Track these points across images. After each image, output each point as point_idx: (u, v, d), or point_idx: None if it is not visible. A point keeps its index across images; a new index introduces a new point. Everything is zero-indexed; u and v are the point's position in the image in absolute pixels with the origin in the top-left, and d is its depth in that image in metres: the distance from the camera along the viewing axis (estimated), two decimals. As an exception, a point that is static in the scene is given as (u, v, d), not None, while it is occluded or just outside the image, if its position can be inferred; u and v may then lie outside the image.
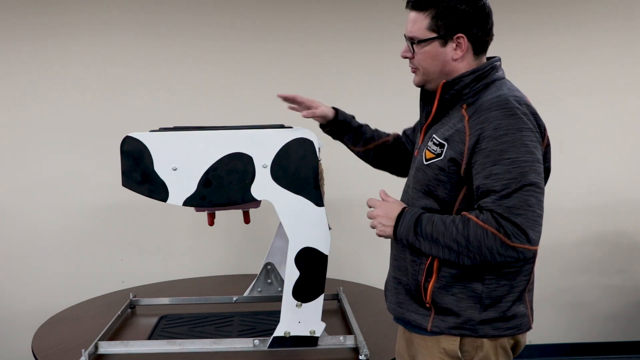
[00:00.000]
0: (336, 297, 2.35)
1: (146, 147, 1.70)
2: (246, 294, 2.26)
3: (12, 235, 3.11)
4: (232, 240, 3.21)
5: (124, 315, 2.21)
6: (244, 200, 1.73)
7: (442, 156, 1.34)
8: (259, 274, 2.24)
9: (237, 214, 2.02)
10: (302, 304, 1.76)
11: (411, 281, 1.41)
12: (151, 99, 3.12)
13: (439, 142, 1.36)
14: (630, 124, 3.34)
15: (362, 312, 2.15)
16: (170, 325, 2.11)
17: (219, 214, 1.95)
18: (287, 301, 1.76)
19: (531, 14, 3.24)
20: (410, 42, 1.43)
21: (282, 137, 1.73)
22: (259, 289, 2.25)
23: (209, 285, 2.72)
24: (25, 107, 3.07)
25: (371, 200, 1.46)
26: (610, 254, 3.41)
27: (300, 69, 3.17)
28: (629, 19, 3.28)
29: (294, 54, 3.17)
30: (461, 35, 1.37)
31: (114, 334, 2.03)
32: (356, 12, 3.19)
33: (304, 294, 1.75)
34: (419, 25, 1.39)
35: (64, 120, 3.09)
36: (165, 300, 2.33)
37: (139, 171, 1.70)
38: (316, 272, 1.75)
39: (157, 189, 1.70)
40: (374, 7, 3.19)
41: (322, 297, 1.77)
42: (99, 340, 1.85)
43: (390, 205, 1.42)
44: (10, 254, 3.11)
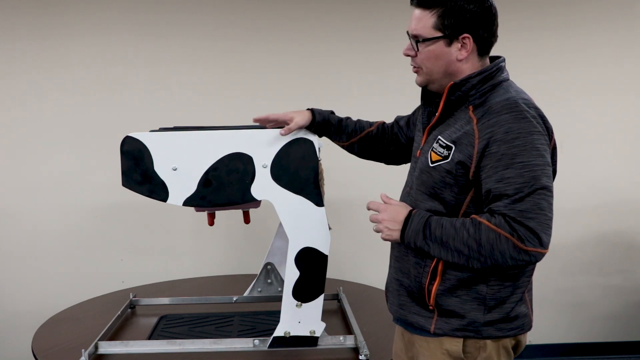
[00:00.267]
0: (336, 297, 2.35)
1: (146, 147, 1.70)
2: (246, 294, 2.26)
3: (12, 235, 3.10)
4: (232, 240, 3.21)
5: (124, 315, 2.21)
6: (244, 200, 1.73)
7: (449, 159, 1.33)
8: (259, 274, 2.24)
9: (237, 214, 2.02)
10: (302, 304, 1.76)
11: (414, 283, 1.41)
12: (151, 99, 3.12)
13: (446, 144, 1.35)
14: (630, 124, 3.34)
15: (362, 312, 2.15)
16: (170, 325, 2.11)
17: (219, 214, 1.95)
18: (287, 301, 1.76)
19: (531, 14, 3.24)
20: (414, 40, 1.40)
21: (282, 137, 1.73)
22: (259, 289, 2.25)
23: (209, 285, 2.72)
24: (25, 107, 3.07)
25: (373, 203, 1.43)
26: (610, 254, 3.41)
27: (300, 69, 3.17)
28: (629, 19, 3.28)
29: (294, 54, 3.17)
30: (467, 35, 1.35)
31: (114, 334, 2.03)
32: (356, 12, 3.19)
33: (304, 294, 1.76)
34: (424, 23, 1.37)
35: (64, 120, 3.08)
36: (165, 300, 2.33)
37: (139, 171, 1.70)
38: (316, 272, 1.75)
39: (157, 189, 1.71)
40: (374, 7, 3.18)
41: (322, 297, 1.77)
42: (99, 340, 1.85)
43: (395, 208, 1.39)
44: (10, 254, 3.11)
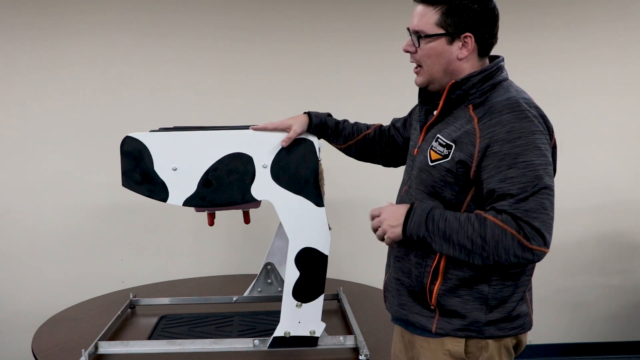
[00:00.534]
0: (336, 297, 2.35)
1: (146, 147, 1.70)
2: (246, 294, 2.26)
3: (12, 235, 3.10)
4: (232, 240, 3.21)
5: (124, 315, 2.21)
6: (244, 200, 1.73)
7: (450, 157, 1.32)
8: (259, 274, 2.24)
9: (237, 214, 2.02)
10: (302, 304, 1.76)
11: (415, 283, 1.40)
12: (151, 99, 3.12)
13: (446, 143, 1.34)
14: (630, 124, 3.34)
15: (362, 312, 2.15)
16: (170, 325, 2.11)
17: (219, 214, 1.95)
18: (287, 301, 1.76)
19: (531, 14, 3.24)
20: (415, 36, 1.39)
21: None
22: (259, 289, 2.25)
23: (209, 285, 2.72)
24: (24, 107, 3.07)
25: (374, 209, 1.42)
26: (610, 254, 3.41)
27: (299, 69, 3.17)
28: (629, 19, 3.28)
29: (294, 54, 3.17)
30: (469, 34, 1.35)
31: (114, 334, 2.03)
32: (356, 13, 3.19)
33: (304, 294, 1.75)
34: (427, 19, 1.36)
35: (64, 120, 3.08)
36: (165, 300, 2.33)
37: (139, 171, 1.70)
38: (316, 272, 1.75)
39: (157, 189, 1.70)
40: (374, 8, 3.18)
41: (322, 297, 1.77)
42: (99, 340, 1.85)
43: (394, 207, 1.39)
44: (10, 254, 3.11)
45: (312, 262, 1.74)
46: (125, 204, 3.09)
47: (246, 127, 1.75)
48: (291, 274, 1.74)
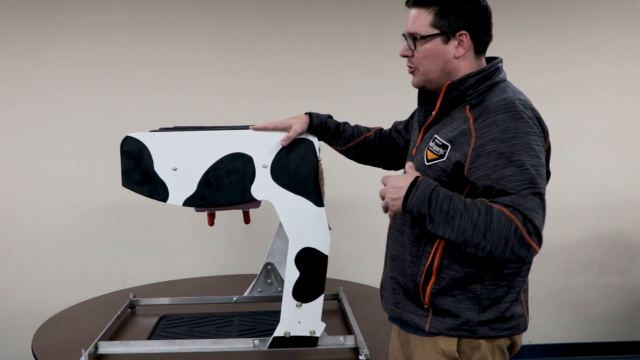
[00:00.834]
0: (336, 297, 2.35)
1: (146, 147, 1.70)
2: (246, 294, 2.26)
3: (12, 235, 3.11)
4: (232, 240, 3.21)
5: (124, 315, 2.21)
6: (244, 200, 1.73)
7: (445, 157, 1.33)
8: (259, 274, 2.24)
9: (237, 214, 2.02)
10: (302, 304, 1.76)
11: (409, 282, 1.41)
12: (151, 99, 3.12)
13: (442, 143, 1.35)
14: (630, 124, 3.34)
15: (362, 312, 2.15)
16: (170, 325, 2.11)
17: (219, 214, 1.95)
18: (287, 301, 1.76)
19: (531, 14, 3.24)
20: (411, 39, 1.40)
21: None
22: (259, 289, 2.25)
23: (209, 285, 2.72)
24: (24, 107, 3.07)
25: (384, 177, 1.37)
26: (610, 254, 3.41)
27: (300, 69, 3.17)
28: (629, 19, 3.28)
29: (294, 54, 3.17)
30: (464, 32, 1.36)
31: (114, 334, 2.03)
32: (355, 13, 3.19)
33: (304, 294, 1.75)
34: (421, 21, 1.37)
35: (64, 120, 3.09)
36: (165, 300, 2.33)
37: (139, 171, 1.70)
38: (316, 272, 1.75)
39: (157, 189, 1.70)
40: (374, 8, 3.18)
41: (322, 297, 1.77)
42: (99, 340, 1.85)
43: (400, 176, 1.34)
44: (10, 254, 3.11)
45: (312, 262, 1.74)
46: (125, 204, 3.09)
47: (246, 127, 1.75)
48: (291, 274, 1.74)
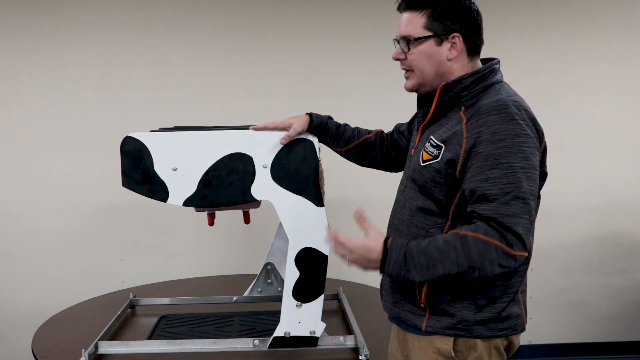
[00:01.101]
0: (336, 297, 2.35)
1: (146, 147, 1.70)
2: (246, 294, 2.26)
3: (12, 235, 3.11)
4: (232, 240, 3.21)
5: (124, 315, 2.21)
6: (244, 200, 1.73)
7: (439, 158, 1.34)
8: (259, 274, 2.24)
9: (237, 214, 2.02)
10: (302, 304, 1.76)
11: (406, 281, 1.42)
12: (151, 99, 3.12)
13: (436, 144, 1.36)
14: (630, 124, 3.34)
15: (362, 312, 2.15)
16: (170, 325, 2.11)
17: (219, 214, 1.95)
18: (287, 301, 1.76)
19: (531, 14, 3.24)
20: (404, 42, 1.41)
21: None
22: (259, 289, 2.25)
23: (209, 285, 2.72)
24: (24, 107, 3.07)
25: (336, 244, 1.37)
26: (610, 254, 3.41)
27: (299, 69, 3.17)
28: (629, 19, 3.28)
29: (294, 54, 3.17)
30: (457, 34, 1.37)
31: (114, 334, 2.03)
32: (355, 13, 3.19)
33: (304, 294, 1.75)
34: (414, 24, 1.39)
35: (64, 120, 3.09)
36: (165, 300, 2.33)
37: (139, 171, 1.70)
38: (316, 272, 1.75)
39: (157, 189, 1.70)
40: (374, 8, 3.18)
41: (322, 297, 1.77)
42: (99, 340, 1.85)
43: (365, 248, 1.33)
44: (10, 254, 3.11)
45: (312, 262, 1.74)
46: (125, 204, 3.09)
47: (246, 127, 1.75)
48: (291, 274, 1.74)
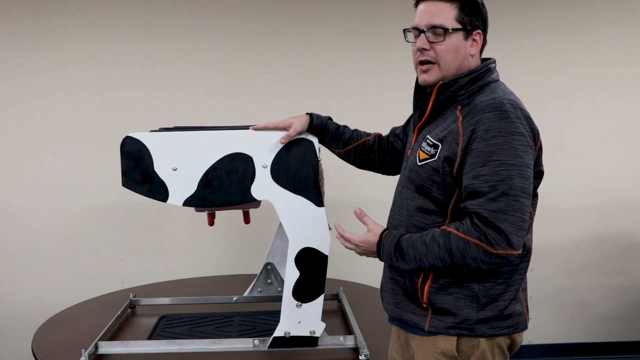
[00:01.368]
0: (336, 297, 2.35)
1: (146, 147, 1.70)
2: (246, 294, 2.26)
3: (12, 235, 3.11)
4: (232, 240, 3.21)
5: (124, 315, 2.21)
6: (244, 200, 1.73)
7: (436, 157, 1.35)
8: (259, 274, 2.24)
9: (237, 214, 2.02)
10: (302, 304, 1.76)
11: (408, 282, 1.42)
12: (151, 99, 3.12)
13: (433, 143, 1.37)
14: (630, 124, 3.34)
15: (362, 312, 2.15)
16: (170, 325, 2.11)
17: (219, 214, 1.95)
18: (287, 301, 1.76)
19: (531, 13, 3.24)
20: (433, 32, 1.37)
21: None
22: (259, 289, 2.25)
23: (209, 285, 2.72)
24: (25, 107, 3.07)
25: (345, 236, 1.53)
26: (610, 254, 3.41)
27: (299, 69, 3.17)
28: (629, 19, 3.28)
29: (294, 54, 3.17)
30: (479, 31, 1.40)
31: (114, 334, 2.03)
32: (355, 13, 3.18)
33: (304, 294, 1.76)
34: (446, 14, 1.37)
35: (64, 120, 3.09)
36: (165, 300, 2.33)
37: (139, 171, 1.70)
38: (316, 272, 1.75)
39: (157, 189, 1.70)
40: (373, 8, 3.18)
41: (322, 297, 1.77)
42: (99, 340, 1.85)
43: (366, 241, 1.48)
44: (10, 254, 3.11)
45: (312, 262, 1.74)
46: (125, 204, 3.09)
47: (246, 127, 1.75)
48: (291, 274, 1.74)
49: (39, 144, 3.08)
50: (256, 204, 1.84)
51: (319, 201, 1.74)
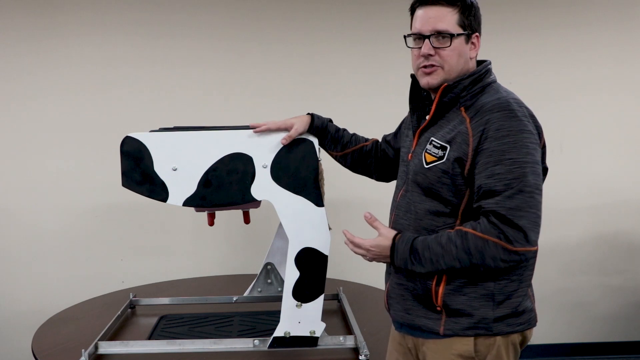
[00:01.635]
0: (336, 297, 2.35)
1: (146, 147, 1.70)
2: (246, 294, 2.26)
3: (12, 235, 3.10)
4: (232, 240, 3.21)
5: (124, 315, 2.21)
6: (244, 200, 1.73)
7: (445, 158, 1.34)
8: (259, 274, 2.24)
9: (237, 214, 2.02)
10: (302, 304, 1.76)
11: (419, 286, 1.40)
12: (151, 99, 3.12)
13: (441, 145, 1.36)
14: (630, 124, 3.34)
15: (362, 312, 2.15)
16: (170, 325, 2.11)
17: (219, 214, 1.95)
18: (287, 301, 1.76)
19: (531, 13, 3.24)
20: (438, 37, 1.37)
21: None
22: (259, 289, 2.25)
23: (209, 285, 2.72)
24: (25, 107, 3.07)
25: (354, 242, 1.49)
26: (610, 254, 3.41)
27: (299, 69, 3.17)
28: (629, 19, 3.28)
29: (293, 54, 3.17)
30: (477, 34, 1.41)
31: (114, 334, 2.03)
32: (354, 14, 3.18)
33: (304, 294, 1.76)
34: (449, 19, 1.38)
35: (64, 120, 3.08)
36: (165, 300, 2.33)
37: (138, 171, 1.70)
38: (316, 272, 1.75)
39: (157, 189, 1.71)
40: (372, 8, 3.18)
41: (322, 297, 1.77)
42: (99, 340, 1.85)
43: (378, 245, 1.44)
44: (10, 254, 3.11)
45: (312, 262, 1.74)
46: (125, 204, 3.09)
47: (246, 127, 1.75)
48: (291, 274, 1.74)
49: (39, 144, 3.08)
50: (256, 204, 1.84)
51: (319, 201, 1.74)
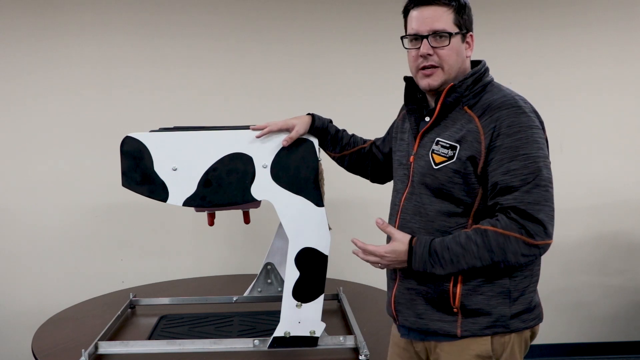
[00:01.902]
0: (336, 297, 2.35)
1: (146, 147, 1.70)
2: (246, 294, 2.26)
3: (12, 235, 3.10)
4: (232, 240, 3.21)
5: (124, 315, 2.21)
6: (244, 200, 1.73)
7: (455, 158, 1.34)
8: (259, 274, 2.24)
9: (237, 214, 2.02)
10: (302, 304, 1.76)
11: (433, 289, 1.39)
12: (151, 99, 3.12)
13: (450, 145, 1.36)
14: (630, 124, 3.34)
15: (362, 312, 2.15)
16: (170, 325, 2.11)
17: (219, 214, 1.95)
18: (287, 301, 1.76)
19: (531, 13, 3.24)
20: (436, 37, 1.37)
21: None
22: (259, 289, 2.25)
23: (209, 285, 2.72)
24: (25, 107, 3.07)
25: (369, 250, 1.43)
26: (610, 254, 3.41)
27: (299, 69, 3.17)
28: (629, 19, 3.28)
29: (293, 53, 3.17)
30: (471, 33, 1.43)
31: (114, 334, 2.03)
32: (355, 14, 3.18)
33: (304, 294, 1.76)
34: (445, 19, 1.38)
35: (64, 120, 3.08)
36: (165, 300, 2.33)
37: (139, 171, 1.70)
38: (316, 272, 1.75)
39: (157, 189, 1.71)
40: (372, 8, 3.18)
41: (322, 297, 1.77)
42: (99, 340, 1.86)
43: (394, 252, 1.39)
44: (10, 254, 3.11)
45: (312, 262, 1.74)
46: (125, 204, 3.09)
47: (246, 127, 1.75)
48: (291, 274, 1.74)
49: (39, 144, 3.08)
50: (256, 204, 1.84)
51: (319, 201, 1.74)
